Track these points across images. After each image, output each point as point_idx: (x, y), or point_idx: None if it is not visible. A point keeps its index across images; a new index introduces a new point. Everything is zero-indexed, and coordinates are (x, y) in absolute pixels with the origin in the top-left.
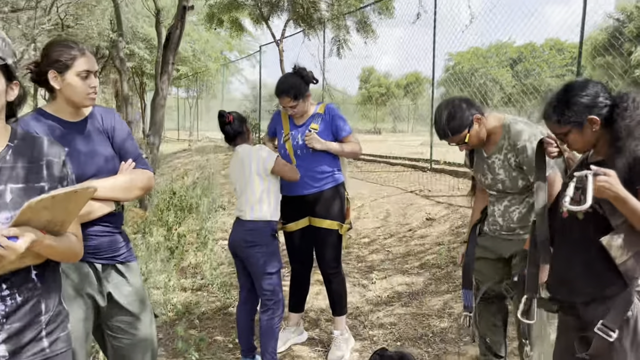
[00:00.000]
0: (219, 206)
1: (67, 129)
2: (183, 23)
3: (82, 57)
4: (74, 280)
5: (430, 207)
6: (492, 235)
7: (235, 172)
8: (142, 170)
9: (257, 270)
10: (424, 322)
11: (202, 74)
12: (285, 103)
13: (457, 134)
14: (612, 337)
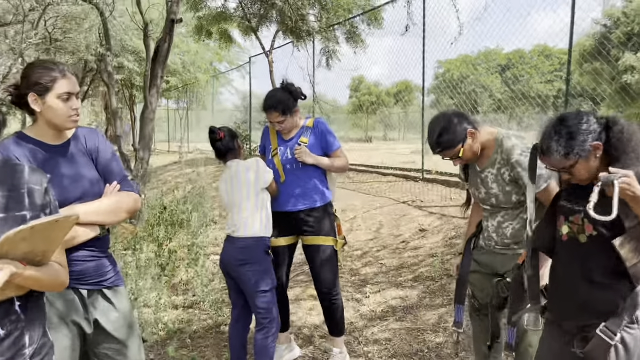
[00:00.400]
0: (211, 220)
1: (50, 153)
2: (172, 36)
3: (63, 79)
4: (59, 308)
5: (423, 218)
6: (487, 250)
7: (227, 188)
8: (128, 193)
9: (250, 289)
10: (419, 337)
11: (192, 85)
12: (273, 118)
13: (450, 149)
14: (613, 340)
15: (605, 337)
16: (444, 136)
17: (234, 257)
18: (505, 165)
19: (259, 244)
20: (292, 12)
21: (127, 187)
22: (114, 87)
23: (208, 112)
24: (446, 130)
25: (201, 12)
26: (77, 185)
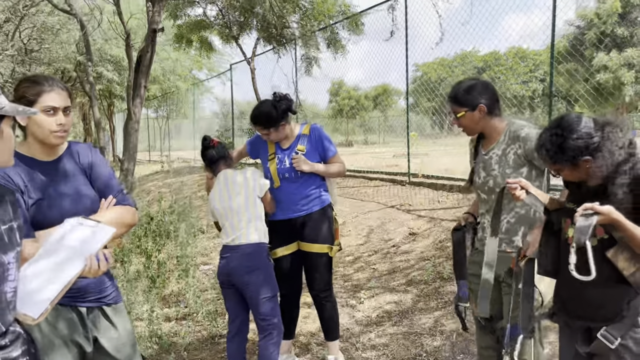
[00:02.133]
0: (198, 230)
1: (42, 169)
2: (154, 46)
3: (49, 93)
4: (59, 328)
5: (412, 222)
6: (482, 251)
7: (223, 196)
8: (126, 207)
9: (256, 296)
10: (416, 341)
11: (171, 93)
12: (258, 131)
13: (455, 105)
14: (613, 344)
15: (606, 341)
16: (461, 90)
17: (240, 265)
18: (513, 142)
19: (262, 249)
20: (274, 19)
21: (124, 201)
22: (95, 97)
23: (188, 120)
24: (466, 88)
25: (180, 20)
26: (71, 202)
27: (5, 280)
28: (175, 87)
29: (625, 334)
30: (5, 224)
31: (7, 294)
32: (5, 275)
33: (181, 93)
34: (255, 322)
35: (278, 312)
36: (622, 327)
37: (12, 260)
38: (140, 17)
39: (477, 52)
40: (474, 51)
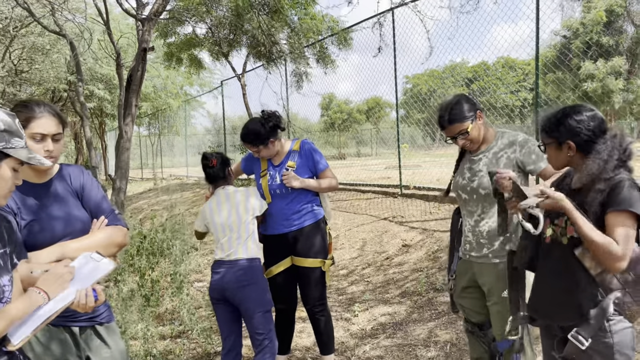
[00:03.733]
0: (191, 247)
1: (34, 192)
2: (144, 64)
3: (39, 119)
4: (52, 348)
5: (405, 234)
6: (465, 260)
7: (221, 212)
8: (117, 227)
9: (252, 311)
10: (410, 352)
11: (163, 111)
12: (249, 149)
13: (461, 122)
14: (584, 345)
15: (576, 342)
16: (455, 109)
17: (234, 280)
18: (508, 147)
19: (257, 264)
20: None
21: (116, 222)
22: (87, 117)
23: (180, 137)
24: (457, 105)
25: (170, 39)
26: (63, 224)
27: (1, 301)
28: (167, 104)
29: (596, 336)
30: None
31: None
32: (1, 297)
33: (172, 110)
34: (250, 337)
35: (272, 326)
36: (591, 329)
37: (7, 283)
38: (130, 37)
39: (467, 63)
40: (463, 62)
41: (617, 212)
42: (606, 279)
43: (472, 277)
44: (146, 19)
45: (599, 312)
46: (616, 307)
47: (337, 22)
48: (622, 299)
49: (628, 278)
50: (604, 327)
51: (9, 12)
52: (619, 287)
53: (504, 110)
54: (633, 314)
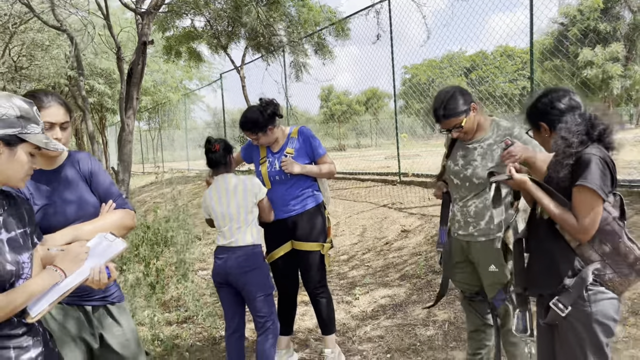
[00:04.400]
0: (195, 237)
1: (45, 178)
2: (144, 58)
3: (48, 109)
4: (67, 325)
5: (404, 219)
6: (454, 238)
7: (221, 200)
8: (125, 210)
9: (254, 295)
10: (410, 332)
11: (163, 105)
12: (248, 137)
13: (455, 116)
14: (564, 312)
15: (557, 310)
16: (450, 103)
17: (237, 266)
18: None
19: (258, 250)
20: (261, 28)
21: (124, 205)
22: (88, 111)
23: (180, 131)
24: (452, 99)
25: (169, 32)
26: (75, 207)
27: (20, 277)
28: (167, 98)
29: (575, 304)
30: (20, 229)
31: None
32: (20, 274)
33: (172, 104)
34: (253, 319)
35: (274, 309)
36: (570, 296)
37: (27, 260)
38: (130, 30)
39: (464, 53)
40: (461, 52)
41: (577, 187)
42: (585, 251)
43: (462, 252)
44: (145, 13)
45: (578, 281)
46: (597, 278)
47: (334, 12)
48: (602, 270)
49: (606, 249)
50: (583, 296)
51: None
52: (598, 259)
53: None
54: (616, 285)
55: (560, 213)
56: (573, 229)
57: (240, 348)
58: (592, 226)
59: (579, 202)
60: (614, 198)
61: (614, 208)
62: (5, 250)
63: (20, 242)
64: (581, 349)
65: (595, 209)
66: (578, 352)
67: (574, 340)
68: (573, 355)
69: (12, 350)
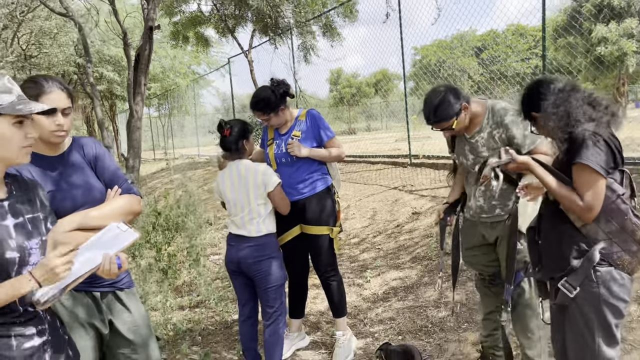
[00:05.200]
0: (206, 222)
1: (50, 164)
2: (151, 43)
3: (49, 94)
4: (76, 312)
5: (415, 202)
6: (473, 221)
7: (234, 187)
8: (131, 195)
9: (266, 284)
10: (422, 314)
11: (172, 91)
12: (258, 117)
13: (445, 121)
14: (572, 293)
15: (565, 291)
16: (440, 108)
17: (250, 255)
18: (498, 127)
19: (271, 239)
20: (269, 9)
21: (130, 190)
22: (97, 98)
23: (190, 117)
24: (442, 103)
25: (176, 17)
26: (82, 192)
27: (27, 264)
28: (175, 84)
29: (584, 285)
30: (30, 214)
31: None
32: (26, 260)
33: (181, 90)
34: (262, 309)
35: (284, 300)
36: (577, 277)
37: (35, 247)
38: (136, 16)
39: (475, 32)
40: (472, 31)
41: (575, 165)
42: (591, 231)
43: (480, 235)
44: None
45: (585, 262)
46: (605, 257)
47: None
48: (610, 248)
49: (612, 228)
50: (591, 277)
51: None
52: (605, 238)
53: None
54: (625, 265)
55: (563, 192)
56: (577, 208)
57: (253, 333)
58: (595, 203)
59: (577, 180)
60: (620, 175)
61: (620, 185)
62: (12, 236)
63: (28, 227)
64: (589, 330)
65: (595, 185)
66: (586, 333)
67: (582, 321)
68: (582, 336)
69: (14, 338)
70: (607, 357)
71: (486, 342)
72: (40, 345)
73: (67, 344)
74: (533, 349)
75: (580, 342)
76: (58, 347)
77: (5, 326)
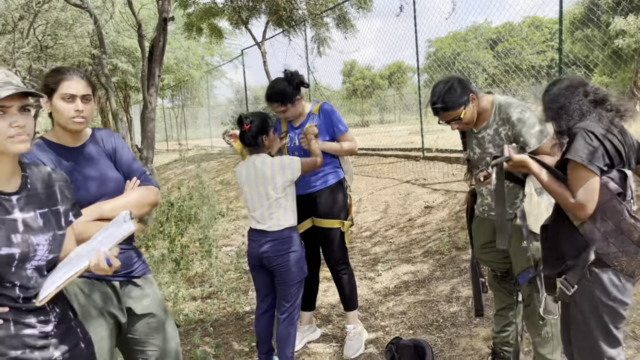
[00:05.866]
0: (218, 213)
1: (70, 155)
2: (165, 35)
3: (69, 80)
4: (95, 299)
5: (428, 195)
6: (483, 218)
7: (248, 181)
8: (148, 187)
9: (286, 278)
10: (433, 308)
11: (185, 82)
12: (274, 109)
13: (453, 109)
14: (570, 291)
15: (564, 288)
16: (448, 96)
17: (272, 249)
18: (504, 124)
19: (293, 233)
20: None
21: (148, 182)
22: (112, 89)
23: (203, 108)
24: (450, 92)
25: (190, 9)
26: (98, 184)
27: (30, 259)
28: (189, 75)
29: (581, 284)
30: (45, 208)
31: (27, 270)
32: (30, 256)
33: (195, 81)
34: (277, 302)
35: (301, 295)
36: (575, 276)
37: (44, 242)
38: (151, 7)
39: (490, 24)
40: (487, 23)
41: (568, 161)
42: (588, 230)
43: (491, 232)
44: None
45: (581, 260)
46: (601, 257)
47: None
48: (606, 249)
49: (608, 228)
50: (587, 276)
51: None
52: (601, 238)
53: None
54: (624, 265)
55: (557, 189)
56: (570, 205)
57: (270, 327)
58: (587, 201)
59: (569, 177)
60: (619, 175)
61: (616, 185)
62: (18, 230)
63: (39, 222)
64: (587, 328)
65: (586, 182)
66: (587, 332)
67: (581, 319)
68: (583, 334)
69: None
70: (608, 356)
71: (497, 338)
72: (42, 334)
73: (78, 336)
74: (545, 347)
75: (581, 340)
76: (65, 338)
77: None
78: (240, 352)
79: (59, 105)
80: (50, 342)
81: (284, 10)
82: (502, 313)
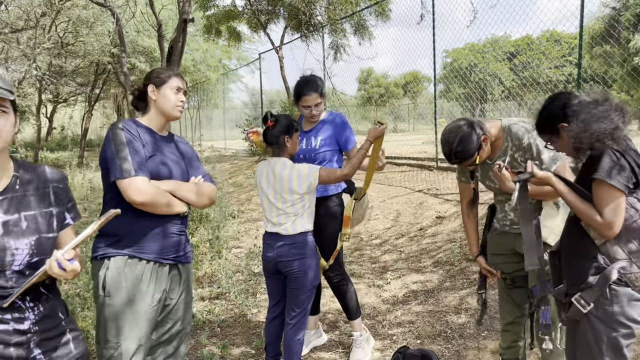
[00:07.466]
0: (229, 215)
1: (157, 139)
2: (185, 36)
3: (177, 77)
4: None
5: (440, 206)
6: (502, 231)
7: (267, 185)
8: (210, 184)
9: (299, 284)
10: (441, 319)
11: (202, 84)
12: (311, 100)
13: (468, 159)
14: (585, 309)
15: (579, 306)
16: (460, 148)
17: (285, 253)
18: (519, 149)
19: (308, 238)
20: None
21: (208, 181)
22: (130, 87)
23: (219, 110)
24: (462, 143)
25: (210, 11)
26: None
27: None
28: (206, 77)
29: (597, 302)
30: (32, 210)
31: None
32: (7, 261)
33: (211, 83)
34: (287, 305)
35: (311, 302)
36: (593, 294)
37: (23, 247)
38: (171, 8)
39: (509, 37)
40: (506, 36)
41: (594, 181)
42: (611, 249)
43: (510, 246)
44: None
45: (602, 279)
46: (623, 277)
47: None
48: (629, 269)
49: (632, 247)
50: (606, 295)
51: None
52: (625, 257)
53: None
54: None
55: (584, 208)
56: (597, 224)
57: (280, 332)
58: (614, 220)
59: (597, 196)
60: None
61: None
62: None
63: (21, 226)
64: (599, 348)
65: (614, 202)
66: (596, 350)
67: (593, 338)
68: (590, 352)
69: None
70: None
71: (505, 354)
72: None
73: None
74: None
75: (588, 358)
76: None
77: None
78: (246, 353)
79: (168, 94)
80: (30, 339)
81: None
82: (509, 328)
